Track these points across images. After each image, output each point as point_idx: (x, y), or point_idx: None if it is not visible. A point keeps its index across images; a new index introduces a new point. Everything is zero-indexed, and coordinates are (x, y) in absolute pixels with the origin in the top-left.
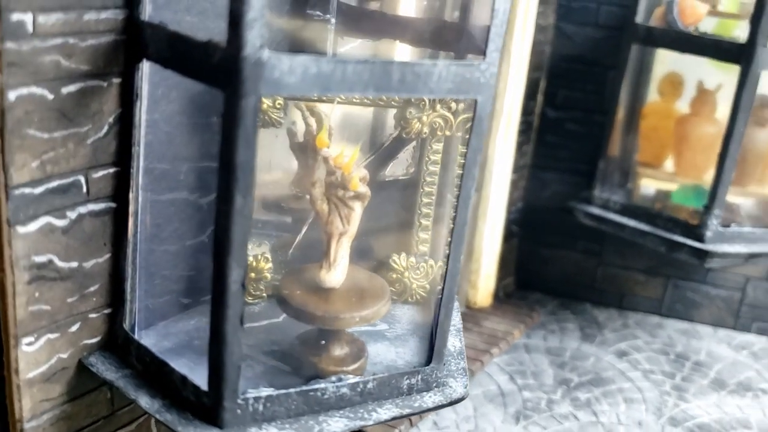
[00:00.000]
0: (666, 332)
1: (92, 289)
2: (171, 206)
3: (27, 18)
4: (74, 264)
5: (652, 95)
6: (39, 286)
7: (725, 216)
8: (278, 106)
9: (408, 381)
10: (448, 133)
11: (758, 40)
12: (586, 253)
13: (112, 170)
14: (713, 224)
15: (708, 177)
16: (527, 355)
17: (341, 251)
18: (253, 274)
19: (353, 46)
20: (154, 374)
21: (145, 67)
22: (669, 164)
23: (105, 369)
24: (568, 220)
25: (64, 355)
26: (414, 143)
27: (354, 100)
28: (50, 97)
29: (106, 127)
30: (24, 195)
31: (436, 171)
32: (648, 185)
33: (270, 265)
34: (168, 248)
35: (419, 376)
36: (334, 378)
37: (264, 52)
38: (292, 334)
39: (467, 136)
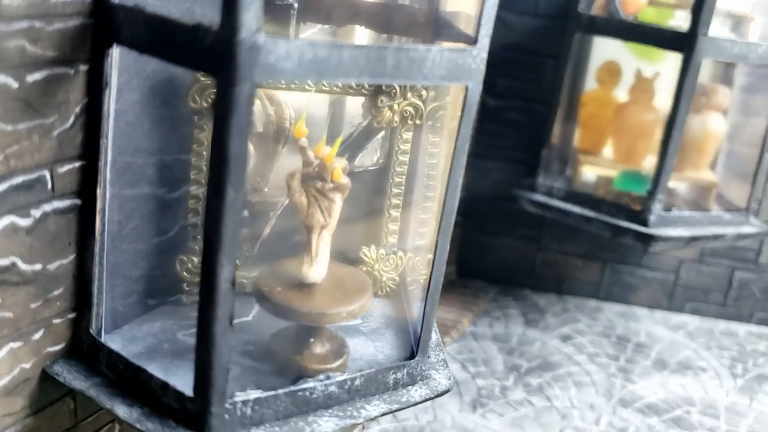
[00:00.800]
0: (605, 315)
1: (56, 292)
2: (137, 202)
3: None
4: (38, 266)
5: (591, 84)
6: (1, 291)
7: (666, 201)
8: None
9: (394, 376)
10: (418, 121)
11: (699, 29)
12: (525, 240)
13: (77, 164)
14: (656, 209)
15: (647, 163)
16: (476, 343)
17: (322, 245)
18: None
19: (312, 32)
20: (129, 381)
21: (115, 54)
22: (608, 151)
23: (73, 378)
24: (508, 208)
25: (27, 365)
26: (383, 133)
27: (323, 87)
28: (15, 85)
29: (72, 118)
30: None
31: (405, 161)
32: (589, 172)
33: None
34: (134, 246)
35: (405, 370)
36: (321, 376)
37: (260, 36)
38: (265, 332)
39: (449, 123)
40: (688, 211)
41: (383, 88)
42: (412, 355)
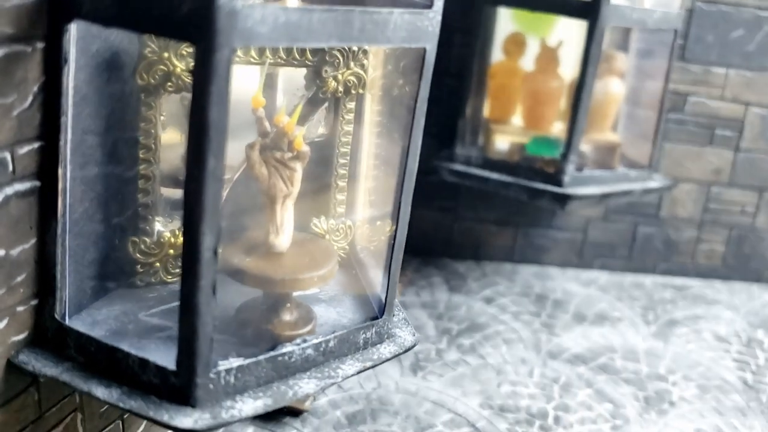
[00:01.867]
0: (522, 276)
1: (19, 279)
2: (87, 184)
3: None
4: (1, 252)
5: (497, 55)
6: None
7: (577, 162)
8: (191, 69)
9: (363, 335)
10: (361, 91)
11: None
12: (442, 210)
13: (36, 145)
14: (570, 170)
15: (555, 128)
16: (406, 312)
17: (287, 214)
18: (171, 251)
19: None
20: (102, 363)
21: (73, 29)
22: (517, 119)
23: (42, 366)
24: (424, 181)
25: None
26: (326, 104)
27: (268, 59)
28: None
29: (30, 98)
30: None
31: (350, 131)
32: (501, 140)
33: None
34: (87, 229)
35: (373, 330)
36: (298, 340)
37: (238, 1)
38: (227, 305)
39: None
40: (598, 171)
41: (326, 58)
42: (381, 314)
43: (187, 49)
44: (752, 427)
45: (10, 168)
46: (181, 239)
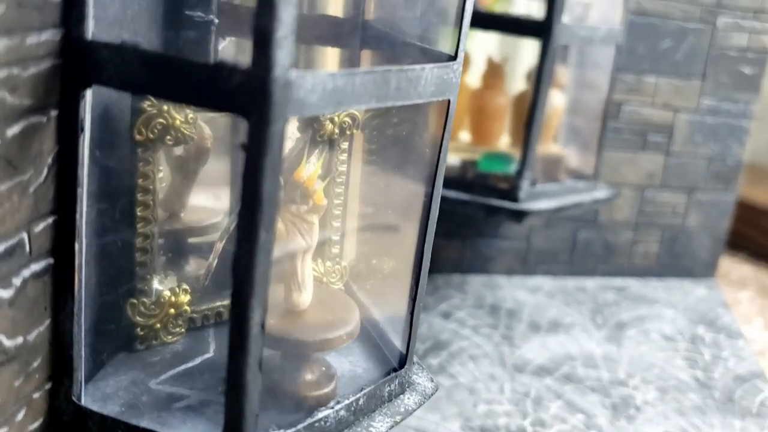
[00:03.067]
0: (472, 287)
1: (35, 364)
2: (101, 250)
3: None
4: (20, 340)
5: None
6: None
7: (531, 177)
8: (190, 121)
9: (388, 388)
10: (356, 131)
11: (554, 17)
12: None
13: (50, 220)
14: (525, 185)
15: (502, 143)
16: None
17: (306, 269)
18: (172, 310)
19: (224, 46)
20: None
21: (89, 95)
22: (464, 135)
23: None
24: None
25: None
26: (324, 146)
27: None
28: None
29: (45, 171)
30: None
31: (344, 171)
32: (452, 158)
33: (189, 297)
34: (99, 298)
35: (396, 381)
36: (332, 403)
37: (292, 72)
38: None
39: (440, 135)
40: (550, 184)
41: None
42: (398, 367)
43: None
44: (712, 425)
45: (27, 248)
46: (182, 297)
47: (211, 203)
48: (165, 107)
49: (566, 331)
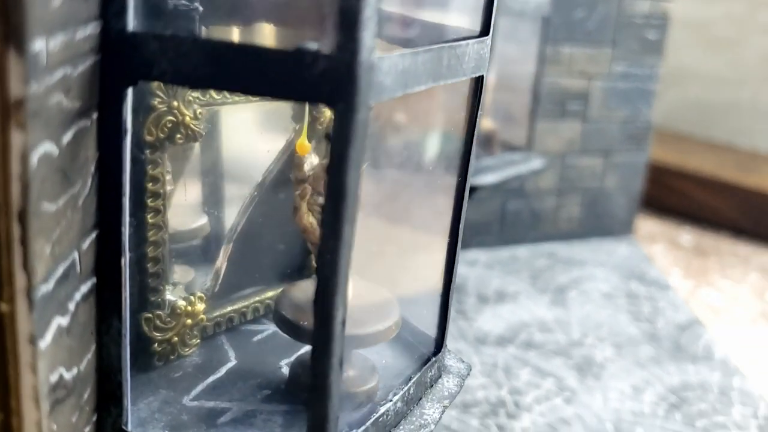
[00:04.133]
0: None
1: (86, 396)
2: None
3: (42, 45)
4: (75, 371)
5: None
6: (55, 414)
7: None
8: (199, 117)
9: (430, 374)
10: None
11: None
12: None
13: (94, 235)
14: None
15: None
16: None
17: None
18: (189, 321)
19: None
20: None
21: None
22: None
23: None
24: None
25: None
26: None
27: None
28: (56, 152)
29: (89, 180)
30: (43, 297)
31: None
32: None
33: (204, 305)
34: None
35: (435, 366)
36: (389, 396)
37: (375, 54)
38: (264, 373)
39: (470, 112)
40: (488, 158)
41: None
42: (436, 352)
43: (192, 94)
44: (670, 372)
45: (78, 268)
46: (198, 306)
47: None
48: (175, 103)
49: (513, 299)
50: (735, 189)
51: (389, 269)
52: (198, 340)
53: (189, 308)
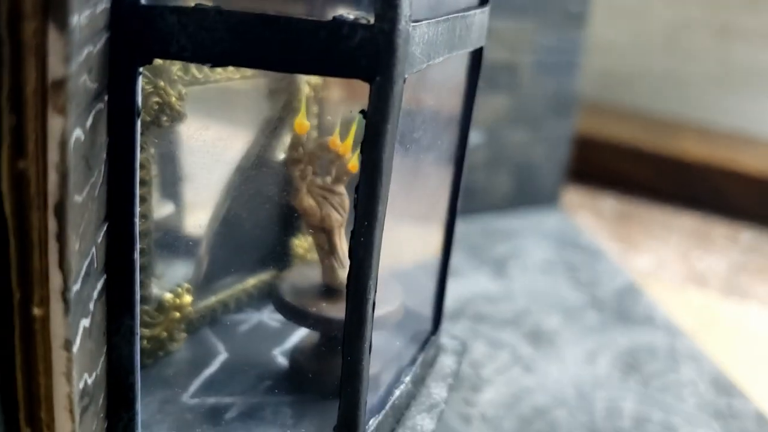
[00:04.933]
0: None
1: (101, 402)
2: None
3: (77, 20)
4: (94, 376)
5: None
6: (83, 425)
7: None
8: (184, 98)
9: (431, 353)
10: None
11: None
12: None
13: (105, 227)
14: None
15: None
16: None
17: (344, 244)
18: (177, 314)
19: None
20: None
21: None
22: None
23: None
24: None
25: None
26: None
27: (246, 74)
28: (82, 138)
29: (102, 167)
30: (75, 298)
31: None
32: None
33: (191, 297)
34: None
35: (434, 345)
36: (402, 377)
37: (410, 24)
38: (259, 363)
39: (469, 83)
40: None
41: None
42: (433, 331)
43: (178, 72)
44: (618, 336)
45: (95, 264)
46: (186, 298)
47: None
48: (161, 83)
49: (456, 273)
50: (651, 155)
51: None
52: (184, 335)
53: (177, 301)
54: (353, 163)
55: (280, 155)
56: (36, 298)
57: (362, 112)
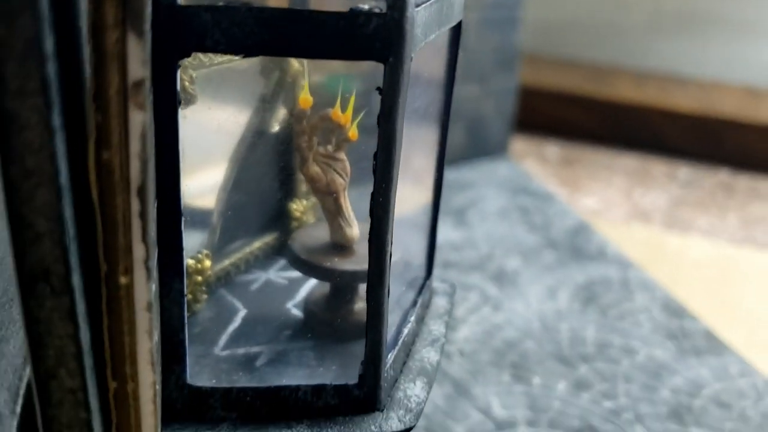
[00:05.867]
0: None
1: (158, 357)
2: None
3: (148, 26)
4: (156, 336)
5: None
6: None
7: None
8: (194, 80)
9: (427, 296)
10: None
11: None
12: None
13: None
14: None
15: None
16: None
17: (347, 204)
18: (199, 278)
19: None
20: (263, 409)
21: None
22: None
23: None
24: None
25: None
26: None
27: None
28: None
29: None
30: (153, 264)
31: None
32: None
33: (210, 262)
34: None
35: (428, 290)
36: (405, 329)
37: (415, 8)
38: (276, 316)
39: (450, 56)
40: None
41: None
42: (428, 275)
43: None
44: (574, 271)
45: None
46: (206, 263)
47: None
48: None
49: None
50: (590, 102)
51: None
52: (206, 296)
53: (198, 266)
54: (353, 131)
55: (277, 126)
56: (121, 268)
57: (378, 89)
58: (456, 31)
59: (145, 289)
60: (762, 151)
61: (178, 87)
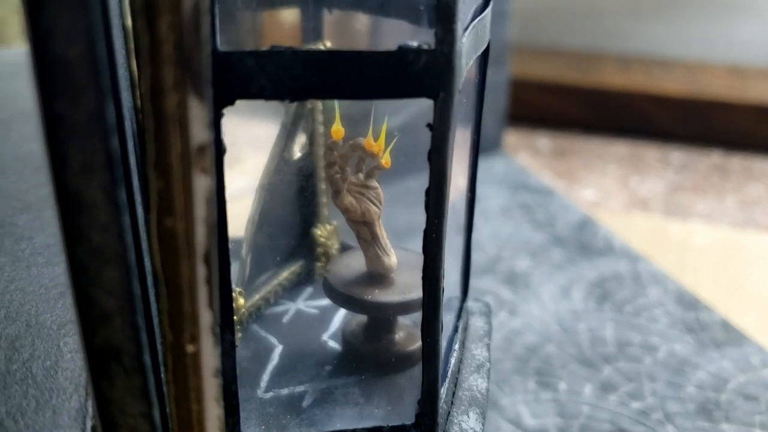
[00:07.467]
0: None
1: None
2: None
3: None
4: None
5: None
6: None
7: None
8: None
9: (465, 318)
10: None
11: None
12: None
13: None
14: None
15: None
16: None
17: (383, 232)
18: (234, 317)
19: None
20: None
21: None
22: None
23: None
24: None
25: None
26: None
27: None
28: None
29: None
30: (219, 329)
31: (322, 133)
32: None
33: (242, 299)
34: None
35: (465, 312)
36: (452, 358)
37: (463, 43)
38: (314, 350)
39: (480, 76)
40: None
41: None
42: (463, 298)
43: None
44: (584, 268)
45: None
46: (240, 301)
47: None
48: None
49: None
50: (577, 90)
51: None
52: (240, 335)
53: (234, 305)
54: (386, 159)
55: (297, 152)
56: (187, 336)
57: (429, 125)
58: (485, 54)
59: (212, 355)
60: (752, 130)
61: (223, 136)
